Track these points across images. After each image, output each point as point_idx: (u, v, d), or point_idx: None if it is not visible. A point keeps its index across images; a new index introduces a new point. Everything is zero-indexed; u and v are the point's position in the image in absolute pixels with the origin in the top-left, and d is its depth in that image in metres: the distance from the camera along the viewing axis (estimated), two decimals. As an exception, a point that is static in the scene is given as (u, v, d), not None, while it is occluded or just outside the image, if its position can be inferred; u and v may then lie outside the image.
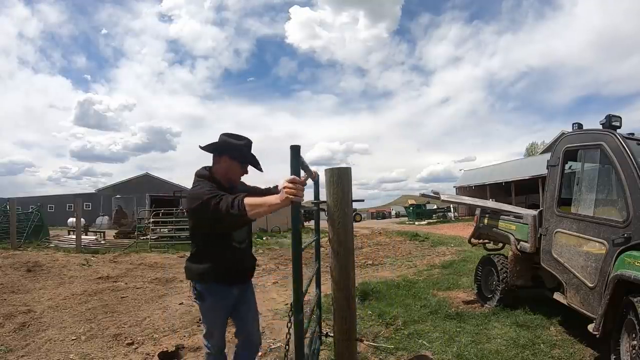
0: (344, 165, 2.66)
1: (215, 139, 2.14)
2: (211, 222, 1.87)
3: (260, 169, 2.26)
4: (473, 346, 3.33)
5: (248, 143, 2.18)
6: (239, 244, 2.18)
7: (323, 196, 2.79)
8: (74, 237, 12.71)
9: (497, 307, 4.33)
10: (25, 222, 14.22)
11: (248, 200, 1.76)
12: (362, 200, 3.53)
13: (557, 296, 3.61)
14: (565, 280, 3.39)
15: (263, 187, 2.52)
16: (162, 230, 14.79)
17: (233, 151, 2.13)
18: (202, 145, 2.13)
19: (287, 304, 4.94)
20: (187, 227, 1.93)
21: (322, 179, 2.79)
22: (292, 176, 1.65)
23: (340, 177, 2.59)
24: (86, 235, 15.19)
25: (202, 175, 2.11)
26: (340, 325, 2.59)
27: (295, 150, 1.72)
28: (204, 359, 2.30)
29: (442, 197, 5.19)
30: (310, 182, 2.82)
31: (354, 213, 2.62)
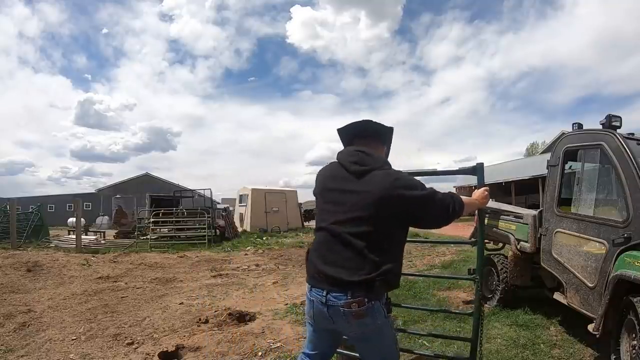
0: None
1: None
2: (417, 219, 1.69)
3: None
4: (473, 346, 3.33)
5: None
6: None
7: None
8: (74, 237, 12.71)
9: (497, 307, 4.34)
10: (25, 222, 14.22)
11: (463, 199, 1.74)
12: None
13: (557, 296, 3.61)
14: (565, 280, 3.39)
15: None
16: (162, 230, 14.80)
17: (389, 144, 1.94)
18: (377, 126, 1.84)
19: (287, 304, 4.94)
20: (368, 216, 1.58)
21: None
22: (487, 187, 2.05)
23: None
24: (86, 235, 15.19)
25: (389, 165, 1.78)
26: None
27: (480, 166, 2.33)
28: None
29: (442, 197, 5.18)
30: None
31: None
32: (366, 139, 1.81)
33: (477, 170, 2.24)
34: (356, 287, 1.52)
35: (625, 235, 2.72)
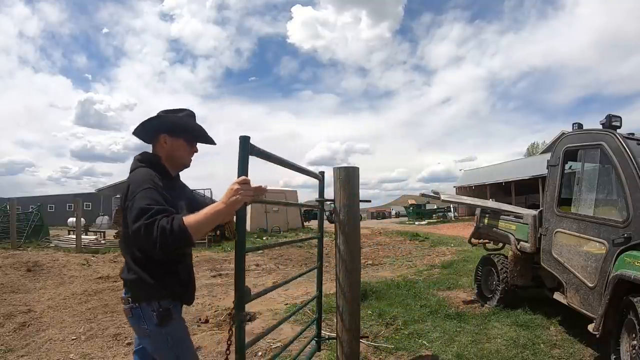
0: (344, 165, 2.63)
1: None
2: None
3: (212, 142, 1.82)
4: (473, 346, 3.33)
5: (190, 114, 1.75)
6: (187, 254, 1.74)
7: (326, 195, 2.78)
8: (74, 237, 12.71)
9: (497, 307, 4.33)
10: (25, 222, 14.24)
11: (189, 220, 1.37)
12: (369, 201, 3.52)
13: (557, 296, 3.61)
14: (565, 280, 3.40)
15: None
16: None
17: (173, 125, 1.68)
18: (135, 129, 1.69)
19: (287, 304, 4.94)
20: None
21: (328, 178, 2.78)
22: (242, 177, 1.48)
23: (348, 177, 2.56)
24: (86, 235, 15.19)
25: (146, 160, 1.63)
26: (345, 325, 2.58)
27: (244, 141, 1.56)
28: None
29: (442, 197, 5.19)
30: (315, 181, 2.79)
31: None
32: (149, 142, 1.73)
33: (240, 143, 1.54)
34: (125, 285, 1.61)
35: (625, 235, 2.72)
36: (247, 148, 1.57)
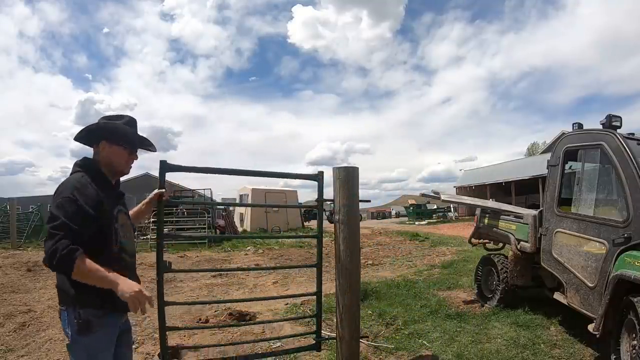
0: (344, 165, 2.63)
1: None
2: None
3: (151, 149, 1.88)
4: (473, 346, 3.33)
5: (130, 121, 1.79)
6: (130, 258, 1.78)
7: (326, 195, 2.77)
8: (74, 237, 12.70)
9: (497, 307, 4.33)
10: (25, 222, 14.26)
11: (87, 264, 1.45)
12: (369, 201, 3.52)
13: (557, 296, 3.61)
14: (566, 280, 3.40)
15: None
16: (162, 230, 14.77)
17: (111, 133, 1.72)
18: (76, 135, 1.75)
19: (287, 304, 4.94)
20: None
21: (327, 178, 2.78)
22: (143, 293, 1.54)
23: (348, 177, 2.55)
24: (86, 235, 15.16)
25: (84, 166, 1.70)
26: (345, 325, 2.58)
27: (161, 164, 2.10)
28: None
29: (442, 197, 5.19)
30: (313, 182, 2.79)
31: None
32: (91, 146, 1.77)
33: (160, 168, 2.23)
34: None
35: (626, 235, 2.72)
36: (164, 168, 2.13)
